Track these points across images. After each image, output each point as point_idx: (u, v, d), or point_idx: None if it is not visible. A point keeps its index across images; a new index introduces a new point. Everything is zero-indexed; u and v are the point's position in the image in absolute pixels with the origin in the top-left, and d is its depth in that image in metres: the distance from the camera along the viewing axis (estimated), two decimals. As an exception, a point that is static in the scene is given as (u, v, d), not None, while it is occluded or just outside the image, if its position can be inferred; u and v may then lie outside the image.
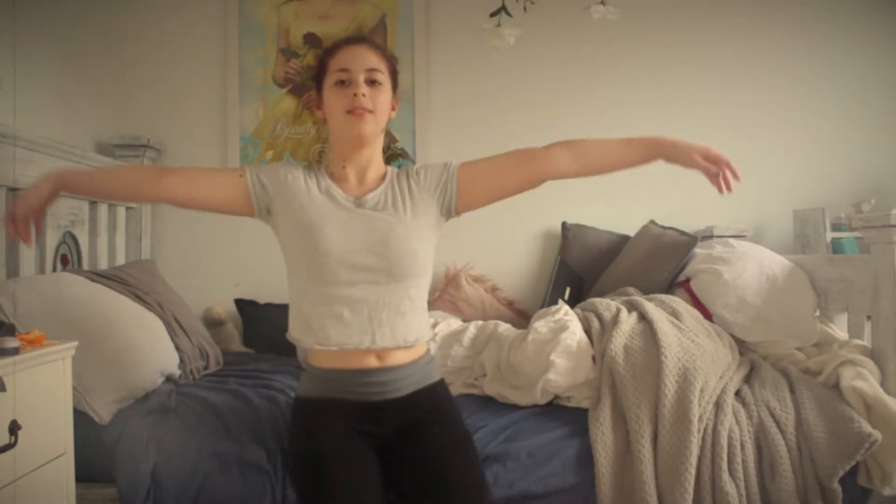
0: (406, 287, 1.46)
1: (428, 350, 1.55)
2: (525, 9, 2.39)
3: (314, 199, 1.48)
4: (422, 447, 1.41)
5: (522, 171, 1.55)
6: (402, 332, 1.45)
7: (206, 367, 2.17)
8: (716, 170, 1.48)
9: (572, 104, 2.86)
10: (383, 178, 1.55)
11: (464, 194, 1.53)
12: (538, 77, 2.86)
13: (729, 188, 1.49)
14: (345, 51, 1.50)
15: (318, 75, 1.55)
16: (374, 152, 1.54)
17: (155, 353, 1.91)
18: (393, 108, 1.55)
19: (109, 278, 2.08)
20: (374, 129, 1.48)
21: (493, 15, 2.27)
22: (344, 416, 1.43)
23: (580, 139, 1.54)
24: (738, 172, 1.46)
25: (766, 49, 2.84)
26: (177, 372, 1.99)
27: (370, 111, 1.45)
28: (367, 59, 1.49)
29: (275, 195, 1.48)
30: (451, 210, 1.54)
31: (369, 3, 2.86)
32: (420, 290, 1.50)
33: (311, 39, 2.86)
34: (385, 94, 1.50)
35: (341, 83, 1.48)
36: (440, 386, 1.54)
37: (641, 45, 2.85)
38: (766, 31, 2.84)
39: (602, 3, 2.32)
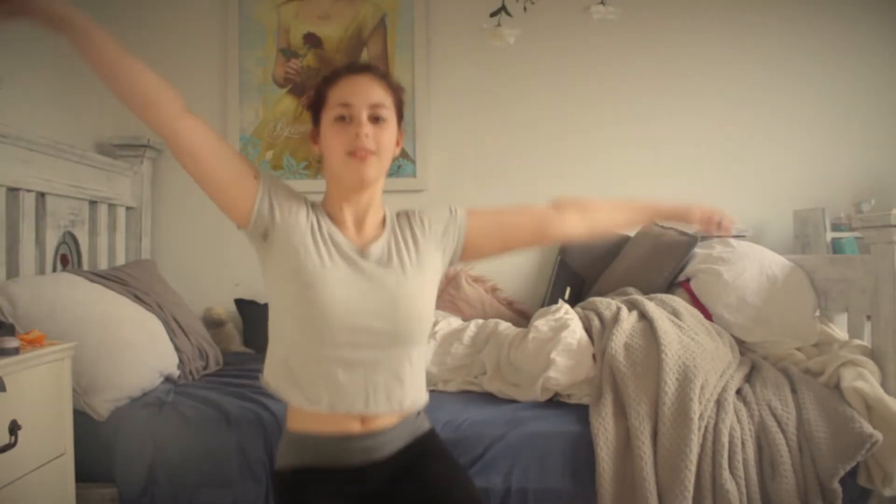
0: (409, 352, 1.31)
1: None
2: (525, 9, 2.40)
3: (318, 244, 1.31)
4: (419, 485, 1.32)
5: (534, 234, 1.47)
6: (399, 398, 1.30)
7: (205, 368, 2.17)
8: (716, 221, 1.51)
9: (572, 103, 2.86)
10: (383, 223, 1.39)
11: (469, 247, 1.41)
12: (538, 76, 2.86)
13: (728, 233, 1.55)
14: (346, 81, 1.33)
15: (315, 105, 1.38)
16: (375, 195, 1.37)
17: (154, 353, 1.91)
18: (398, 144, 1.39)
19: (109, 279, 2.08)
20: (377, 173, 1.32)
21: (493, 15, 2.27)
22: (325, 482, 1.29)
23: (590, 203, 1.51)
24: (732, 221, 1.54)
25: (767, 49, 2.84)
26: (176, 372, 1.99)
27: (373, 152, 1.30)
28: (370, 93, 1.32)
29: (281, 225, 1.30)
30: (452, 260, 1.42)
31: (369, 3, 2.86)
32: (421, 354, 1.36)
33: (311, 39, 2.86)
34: (390, 131, 1.34)
35: (342, 119, 1.31)
36: (429, 436, 1.40)
37: (641, 45, 2.84)
38: (767, 31, 2.84)
39: (602, 3, 2.33)
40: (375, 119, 1.32)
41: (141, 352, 1.85)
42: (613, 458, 1.57)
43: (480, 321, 2.13)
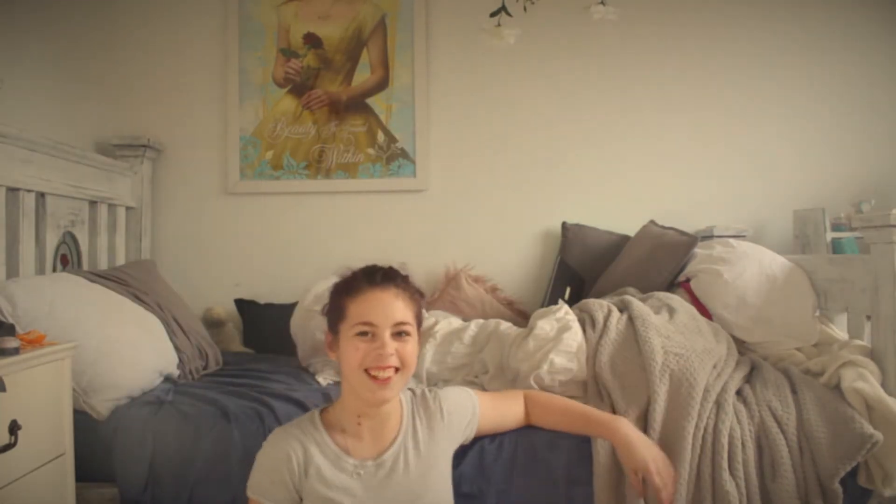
0: None
1: None
2: (525, 9, 2.39)
3: (329, 480, 1.29)
4: None
5: (517, 424, 1.58)
6: None
7: (205, 368, 2.17)
8: (658, 485, 1.39)
9: (572, 104, 2.86)
10: (400, 418, 1.38)
11: (475, 435, 1.51)
12: (538, 76, 2.86)
13: None
14: (368, 297, 1.29)
15: (333, 314, 1.34)
16: (395, 402, 1.36)
17: (154, 352, 1.91)
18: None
19: (108, 278, 2.08)
20: (398, 390, 1.32)
21: (493, 15, 2.27)
22: None
23: (551, 402, 1.59)
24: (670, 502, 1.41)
25: (767, 48, 2.83)
26: (175, 372, 1.99)
27: (398, 368, 1.28)
28: (394, 312, 1.28)
29: (300, 491, 1.30)
30: (463, 443, 1.50)
31: (369, 3, 2.86)
32: None
33: (311, 39, 2.86)
34: (413, 343, 1.31)
35: (363, 334, 1.28)
36: None
37: (641, 45, 2.84)
38: (767, 31, 2.83)
39: (602, 2, 2.32)
40: (398, 334, 1.29)
41: (141, 351, 1.85)
42: (610, 462, 1.56)
43: (481, 321, 2.12)
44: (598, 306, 1.96)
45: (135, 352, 1.83)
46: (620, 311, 1.92)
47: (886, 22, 2.82)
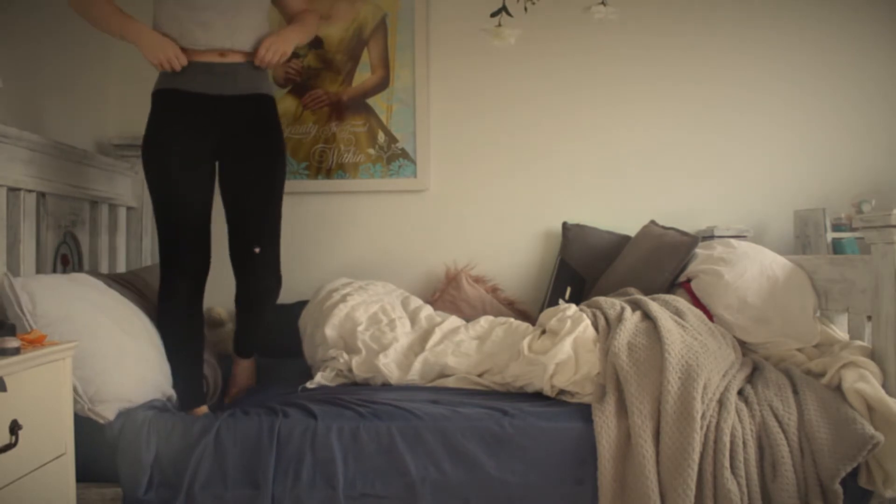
0: None
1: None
2: (525, 9, 2.39)
3: None
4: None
5: None
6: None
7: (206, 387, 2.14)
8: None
9: (573, 103, 2.86)
10: None
11: None
12: (539, 77, 2.86)
13: None
14: None
15: None
16: None
17: (161, 371, 1.88)
18: None
19: (125, 286, 2.08)
20: None
21: (493, 15, 2.27)
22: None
23: None
24: None
25: (767, 49, 2.83)
26: (175, 395, 1.98)
27: None
28: None
29: None
30: None
31: (370, 3, 2.86)
32: None
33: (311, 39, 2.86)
34: None
35: None
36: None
37: (642, 45, 2.84)
38: (767, 30, 2.83)
39: (603, 3, 2.32)
40: None
41: (150, 368, 1.82)
42: (615, 456, 1.57)
43: (490, 317, 2.16)
44: (610, 304, 1.97)
45: (144, 367, 1.80)
46: (633, 309, 1.94)
47: (886, 22, 2.82)
